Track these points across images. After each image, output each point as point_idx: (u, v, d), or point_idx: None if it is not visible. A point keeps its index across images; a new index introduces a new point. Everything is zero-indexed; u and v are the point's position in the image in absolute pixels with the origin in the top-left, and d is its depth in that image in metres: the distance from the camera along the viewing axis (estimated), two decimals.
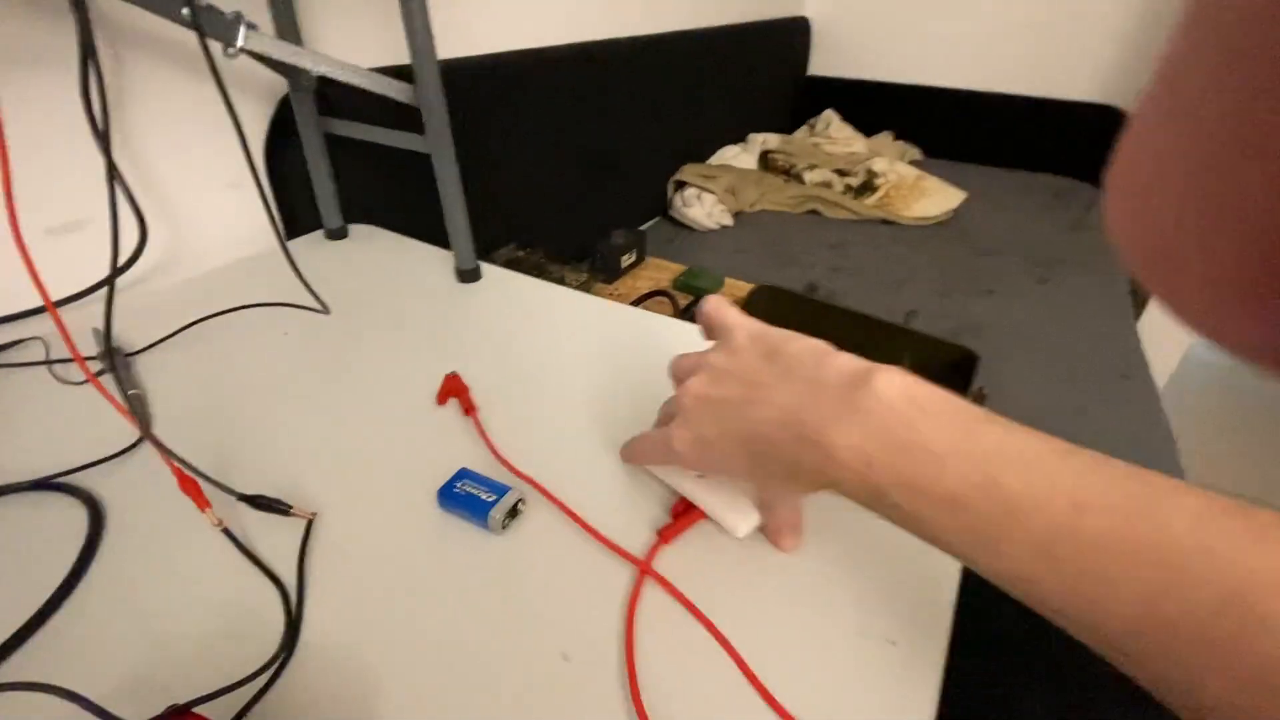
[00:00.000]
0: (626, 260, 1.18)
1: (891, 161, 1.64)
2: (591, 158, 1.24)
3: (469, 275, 0.63)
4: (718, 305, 0.35)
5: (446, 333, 0.55)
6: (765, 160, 1.74)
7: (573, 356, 0.52)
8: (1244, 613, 0.17)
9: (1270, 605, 0.16)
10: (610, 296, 1.14)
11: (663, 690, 0.28)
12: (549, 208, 1.17)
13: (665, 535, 0.34)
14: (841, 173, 1.64)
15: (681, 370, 0.35)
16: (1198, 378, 1.90)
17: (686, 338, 0.54)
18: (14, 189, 0.53)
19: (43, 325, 0.54)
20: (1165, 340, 1.60)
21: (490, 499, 0.36)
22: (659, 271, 1.22)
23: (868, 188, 1.60)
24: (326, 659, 0.29)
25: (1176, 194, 0.11)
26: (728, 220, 1.48)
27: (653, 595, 0.32)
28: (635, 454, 0.39)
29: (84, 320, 0.54)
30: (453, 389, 0.46)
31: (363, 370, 0.50)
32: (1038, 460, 0.21)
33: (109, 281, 0.38)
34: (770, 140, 1.78)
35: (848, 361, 0.27)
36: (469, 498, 0.36)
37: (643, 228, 1.49)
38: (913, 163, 1.81)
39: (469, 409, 0.44)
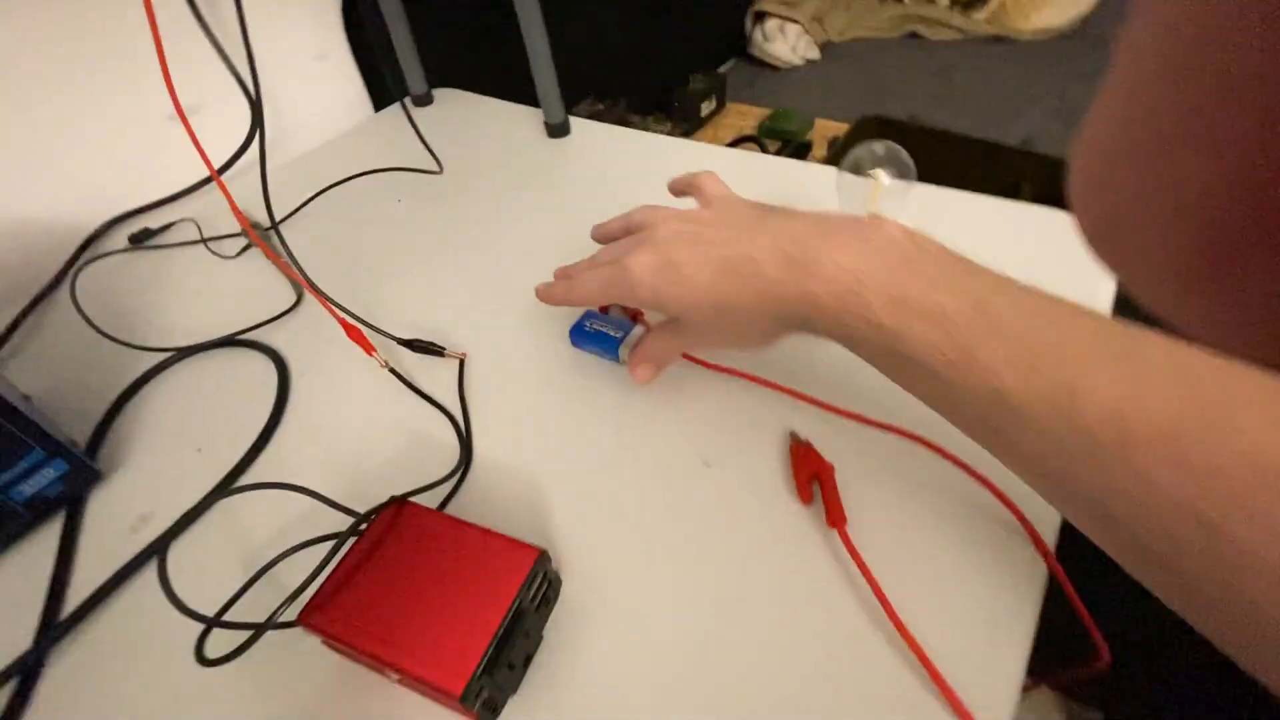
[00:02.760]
0: (706, 108, 1.12)
1: None
2: None
3: (558, 130, 0.62)
4: (708, 174, 0.35)
5: (547, 187, 0.56)
6: None
7: (678, 204, 0.51)
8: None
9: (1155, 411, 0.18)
10: None
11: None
12: (621, 54, 1.10)
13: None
14: None
15: (653, 214, 0.34)
16: None
17: (792, 175, 0.52)
18: (131, 81, 0.56)
19: (186, 209, 0.58)
20: None
21: (618, 335, 0.38)
22: (741, 118, 1.15)
23: None
24: (498, 470, 0.34)
25: (1130, 178, 0.12)
26: (814, 53, 1.35)
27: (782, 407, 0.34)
28: (562, 292, 0.35)
29: (215, 203, 0.58)
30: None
31: (478, 226, 0.52)
32: (1026, 293, 0.23)
33: (260, 143, 0.40)
34: None
35: (855, 218, 0.28)
36: (599, 335, 0.38)
37: (720, 69, 1.38)
38: None
39: (635, 314, 0.39)
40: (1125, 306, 0.40)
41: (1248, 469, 0.17)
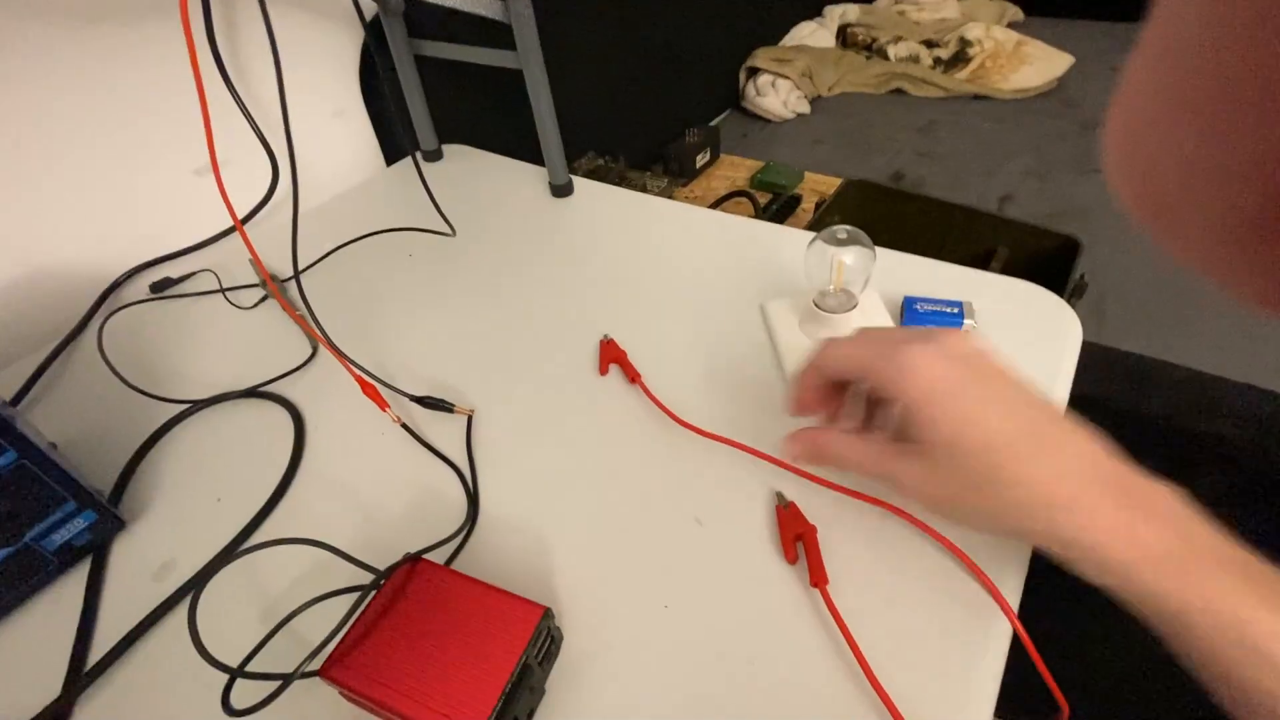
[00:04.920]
0: (701, 160, 1.17)
1: (988, 27, 1.49)
2: (658, 51, 1.20)
3: (562, 190, 0.66)
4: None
5: (551, 246, 0.59)
6: (844, 36, 1.61)
7: (672, 266, 0.55)
8: None
9: None
10: (687, 199, 1.14)
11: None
12: (620, 109, 1.15)
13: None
14: (930, 44, 1.51)
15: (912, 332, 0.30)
16: None
17: (774, 240, 0.56)
18: (160, 136, 0.59)
19: (206, 259, 0.61)
20: None
21: (953, 311, 0.41)
22: (734, 170, 1.20)
23: (960, 59, 1.47)
24: (503, 524, 0.36)
25: (1175, 138, 0.11)
26: (804, 107, 1.41)
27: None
28: (813, 360, 0.32)
29: (233, 254, 0.61)
30: (613, 356, 0.45)
31: (486, 284, 0.55)
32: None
33: (294, 202, 0.44)
34: (849, 12, 1.64)
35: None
36: (933, 314, 0.42)
37: (714, 122, 1.44)
38: (1012, 25, 1.63)
39: (633, 377, 0.43)
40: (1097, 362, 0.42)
41: None
